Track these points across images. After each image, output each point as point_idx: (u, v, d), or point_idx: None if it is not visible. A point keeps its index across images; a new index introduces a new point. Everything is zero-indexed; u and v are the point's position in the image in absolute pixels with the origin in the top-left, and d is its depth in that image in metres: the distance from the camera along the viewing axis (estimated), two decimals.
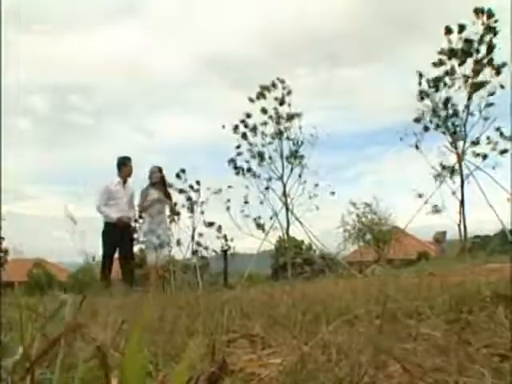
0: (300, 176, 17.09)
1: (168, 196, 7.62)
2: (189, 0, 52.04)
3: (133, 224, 7.85)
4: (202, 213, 19.47)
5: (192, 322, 1.76)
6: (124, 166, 7.25)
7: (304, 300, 2.19)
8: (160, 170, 7.57)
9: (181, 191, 19.15)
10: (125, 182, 7.25)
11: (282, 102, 16.82)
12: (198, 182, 19.22)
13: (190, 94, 49.30)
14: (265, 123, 16.93)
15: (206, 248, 20.94)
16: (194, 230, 19.49)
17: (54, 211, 31.13)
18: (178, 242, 19.43)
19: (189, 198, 19.27)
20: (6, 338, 0.97)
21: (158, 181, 7.38)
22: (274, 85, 16.73)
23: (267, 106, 16.93)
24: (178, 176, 19.04)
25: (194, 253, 19.99)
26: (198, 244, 20.29)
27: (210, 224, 20.36)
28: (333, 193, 18.33)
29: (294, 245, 22.95)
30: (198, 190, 19.24)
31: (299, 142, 16.99)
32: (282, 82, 16.82)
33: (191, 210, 19.34)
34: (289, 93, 16.80)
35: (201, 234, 20.24)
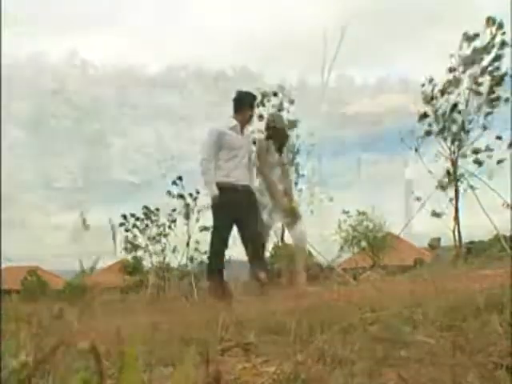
0: (296, 184, 17.08)
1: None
2: (172, 7, 52.07)
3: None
4: (197, 220, 19.52)
5: (186, 330, 1.76)
6: (241, 108, 4.72)
7: (298, 307, 2.19)
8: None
9: (180, 196, 19.34)
10: (242, 128, 4.74)
11: (280, 109, 16.86)
12: (197, 192, 19.35)
13: (177, 102, 49.30)
14: (263, 132, 16.92)
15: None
16: (189, 238, 19.55)
17: (49, 218, 30.88)
18: (174, 249, 19.62)
19: (186, 205, 19.40)
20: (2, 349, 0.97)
21: (282, 127, 5.19)
22: (275, 94, 16.78)
23: (264, 113, 16.98)
24: (174, 183, 19.25)
25: (191, 259, 20.01)
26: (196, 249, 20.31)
27: (205, 228, 20.46)
28: (331, 199, 18.34)
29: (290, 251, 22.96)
30: (196, 199, 19.36)
31: (296, 150, 17.02)
32: (282, 89, 16.88)
33: (187, 216, 19.44)
34: (291, 102, 16.84)
35: (197, 242, 20.31)
